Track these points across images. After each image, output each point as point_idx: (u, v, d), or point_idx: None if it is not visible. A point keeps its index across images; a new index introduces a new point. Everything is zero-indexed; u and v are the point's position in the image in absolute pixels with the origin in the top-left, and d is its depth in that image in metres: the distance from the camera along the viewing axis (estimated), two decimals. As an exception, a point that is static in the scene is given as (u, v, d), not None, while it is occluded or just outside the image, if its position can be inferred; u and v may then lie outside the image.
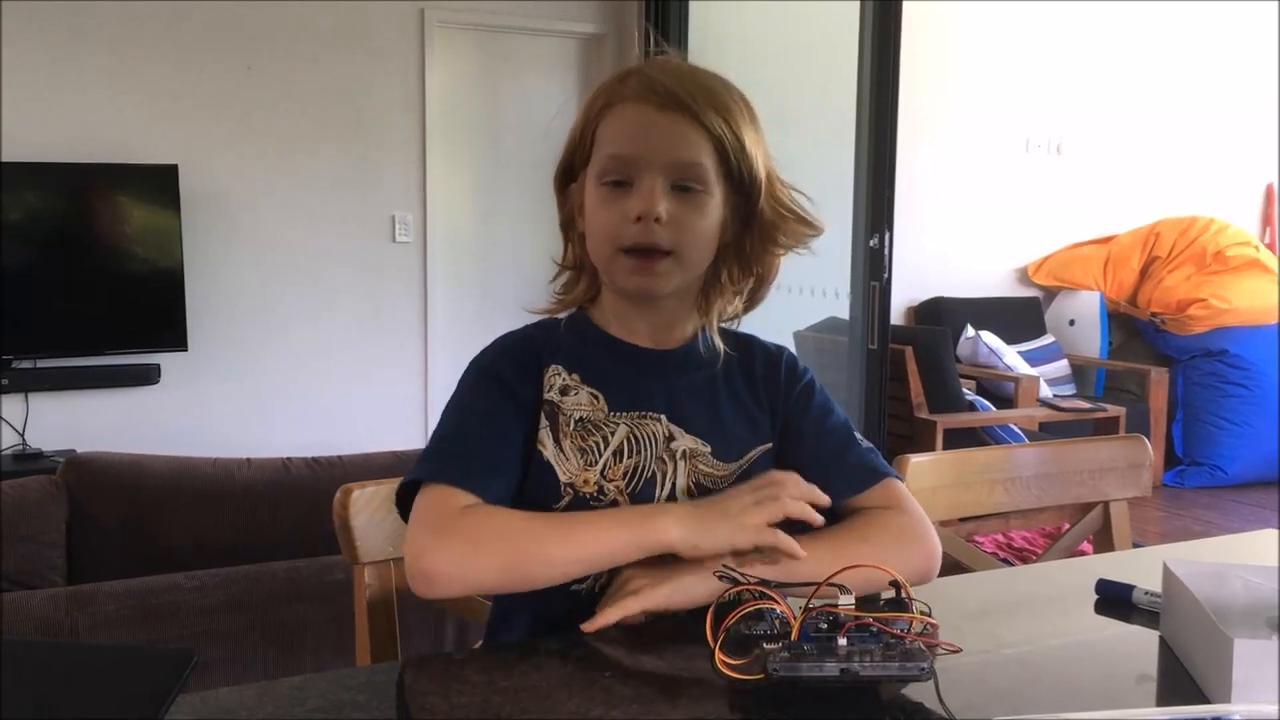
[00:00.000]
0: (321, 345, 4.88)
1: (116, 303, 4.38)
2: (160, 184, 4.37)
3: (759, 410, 1.23)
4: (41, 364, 4.31)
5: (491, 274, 5.24)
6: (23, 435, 4.32)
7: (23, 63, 4.28)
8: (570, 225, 1.22)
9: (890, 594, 0.97)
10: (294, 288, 4.81)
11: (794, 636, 0.91)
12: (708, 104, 1.12)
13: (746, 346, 1.26)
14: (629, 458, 1.16)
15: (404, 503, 1.12)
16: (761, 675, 0.89)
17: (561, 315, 1.24)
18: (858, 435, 1.25)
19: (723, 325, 1.24)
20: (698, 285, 1.20)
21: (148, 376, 4.46)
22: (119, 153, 4.39)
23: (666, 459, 1.16)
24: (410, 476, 1.12)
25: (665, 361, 1.21)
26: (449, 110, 5.08)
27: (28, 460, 4.13)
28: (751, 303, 1.25)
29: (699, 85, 1.13)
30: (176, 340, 4.43)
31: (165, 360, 4.50)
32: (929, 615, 0.96)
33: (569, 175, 1.21)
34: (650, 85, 1.12)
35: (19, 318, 4.19)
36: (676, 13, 5.08)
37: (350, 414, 4.91)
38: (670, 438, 1.17)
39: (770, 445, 1.22)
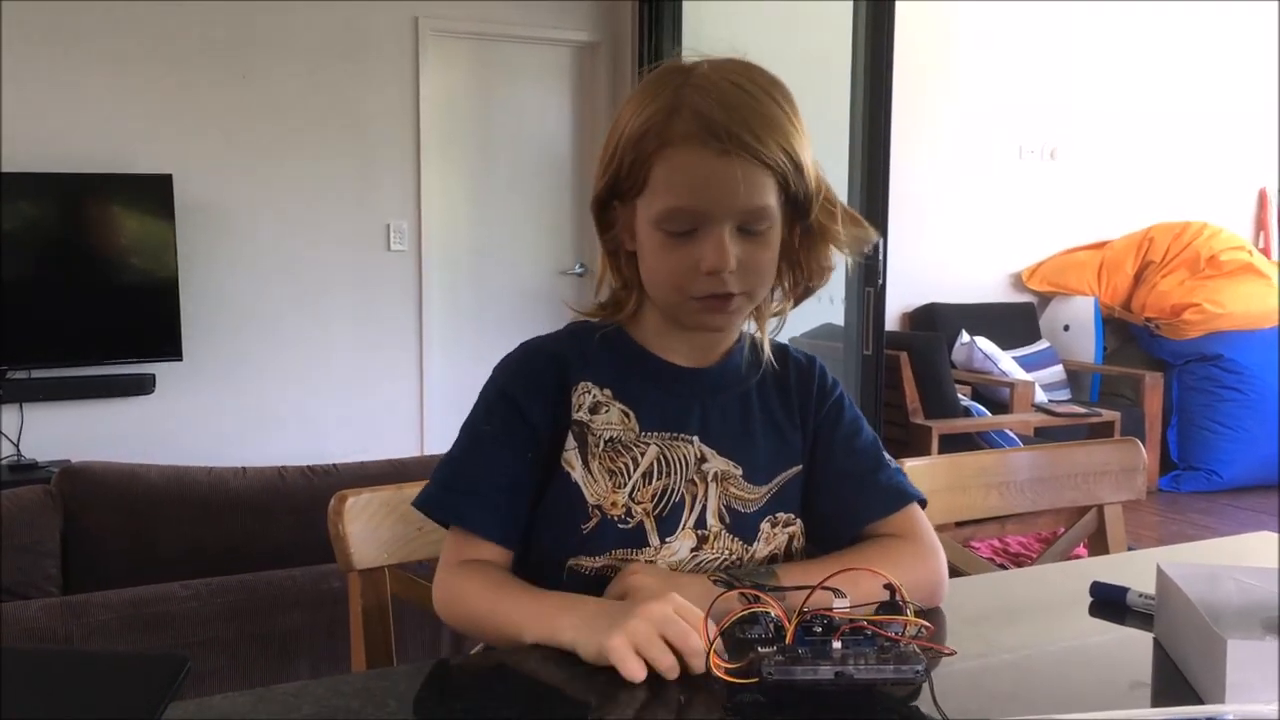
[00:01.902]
0: (316, 354, 4.88)
1: (111, 313, 4.37)
2: (155, 194, 4.37)
3: (791, 429, 1.21)
4: (36, 374, 4.31)
5: (486, 281, 5.24)
6: (17, 446, 4.31)
7: (17, 72, 4.28)
8: (617, 246, 1.17)
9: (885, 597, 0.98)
10: (289, 296, 4.81)
11: (789, 640, 0.91)
12: (768, 135, 1.05)
13: (781, 359, 1.24)
14: (658, 479, 1.14)
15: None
16: (756, 679, 0.89)
17: (596, 320, 1.21)
18: (886, 455, 1.23)
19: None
20: None
21: (142, 386, 4.46)
22: (113, 162, 4.39)
23: (698, 481, 1.15)
24: (424, 501, 1.17)
25: (701, 380, 1.19)
26: (443, 118, 5.09)
27: (22, 470, 4.13)
28: (799, 302, 1.21)
29: (754, 113, 1.06)
30: (171, 350, 4.43)
31: (160, 370, 4.49)
32: (923, 619, 0.96)
33: (611, 198, 1.14)
34: (706, 125, 1.04)
35: (13, 328, 4.19)
36: (670, 20, 5.09)
37: (345, 422, 4.91)
38: (702, 459, 1.16)
39: (800, 468, 1.21)
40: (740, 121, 1.05)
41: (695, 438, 1.16)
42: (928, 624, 0.96)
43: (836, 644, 0.90)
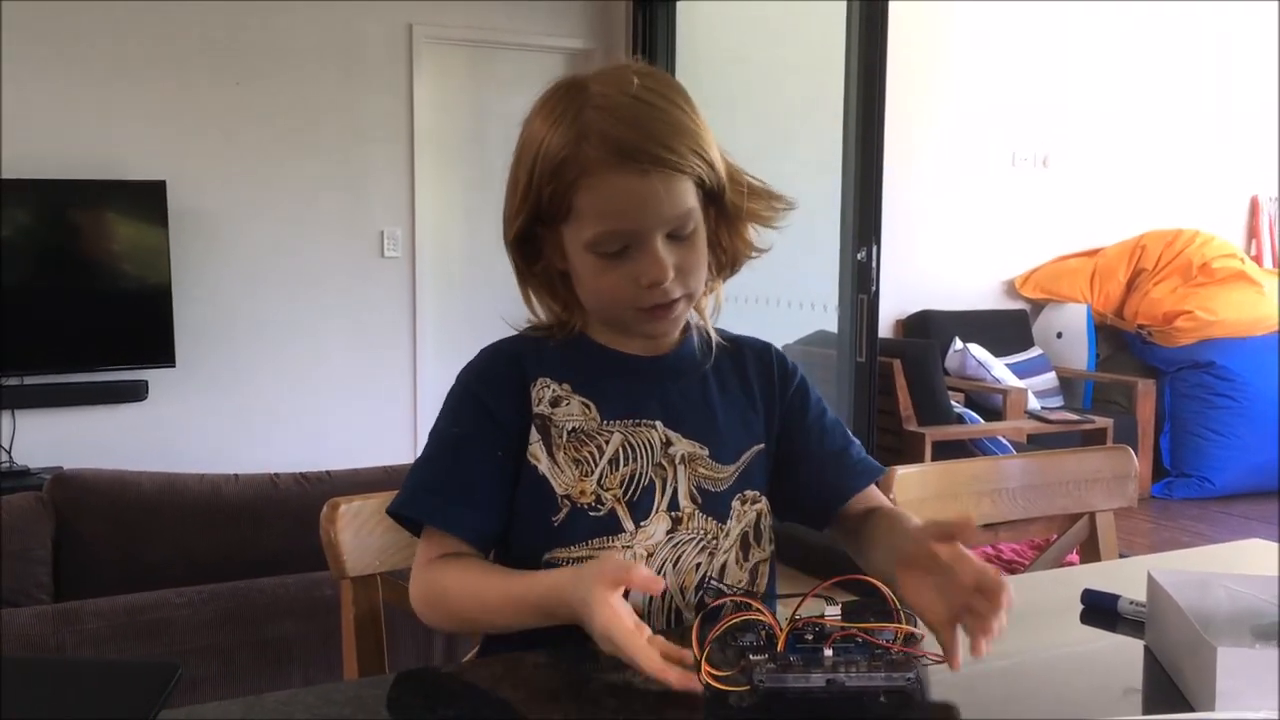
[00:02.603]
0: (310, 360, 4.87)
1: (104, 319, 4.37)
2: (148, 200, 4.37)
3: (752, 410, 1.24)
4: (28, 380, 4.30)
5: (480, 288, 5.23)
6: (9, 452, 4.30)
7: (10, 78, 4.28)
8: (551, 273, 1.18)
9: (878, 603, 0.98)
10: (282, 303, 4.80)
11: (780, 648, 0.91)
12: (678, 143, 1.07)
13: (734, 343, 1.27)
14: (625, 465, 1.16)
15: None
16: (747, 687, 0.89)
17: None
18: (849, 431, 1.29)
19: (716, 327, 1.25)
20: None
21: (135, 393, 4.45)
22: (107, 169, 4.39)
23: (666, 465, 1.17)
24: (395, 505, 1.17)
25: (658, 367, 1.21)
26: (437, 125, 5.09)
27: (14, 477, 4.12)
28: (727, 279, 1.24)
29: (661, 124, 1.07)
30: (164, 356, 4.42)
31: (153, 376, 4.48)
32: (914, 625, 0.96)
33: (533, 226, 1.14)
34: (618, 147, 1.05)
35: (6, 334, 4.18)
36: (664, 27, 5.10)
37: (339, 429, 4.90)
38: (668, 443, 1.17)
39: (763, 446, 1.23)
40: (651, 137, 1.06)
41: (658, 422, 1.18)
42: (918, 630, 0.96)
43: (828, 651, 0.90)
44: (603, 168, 1.06)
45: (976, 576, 0.93)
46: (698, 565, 1.16)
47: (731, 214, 1.16)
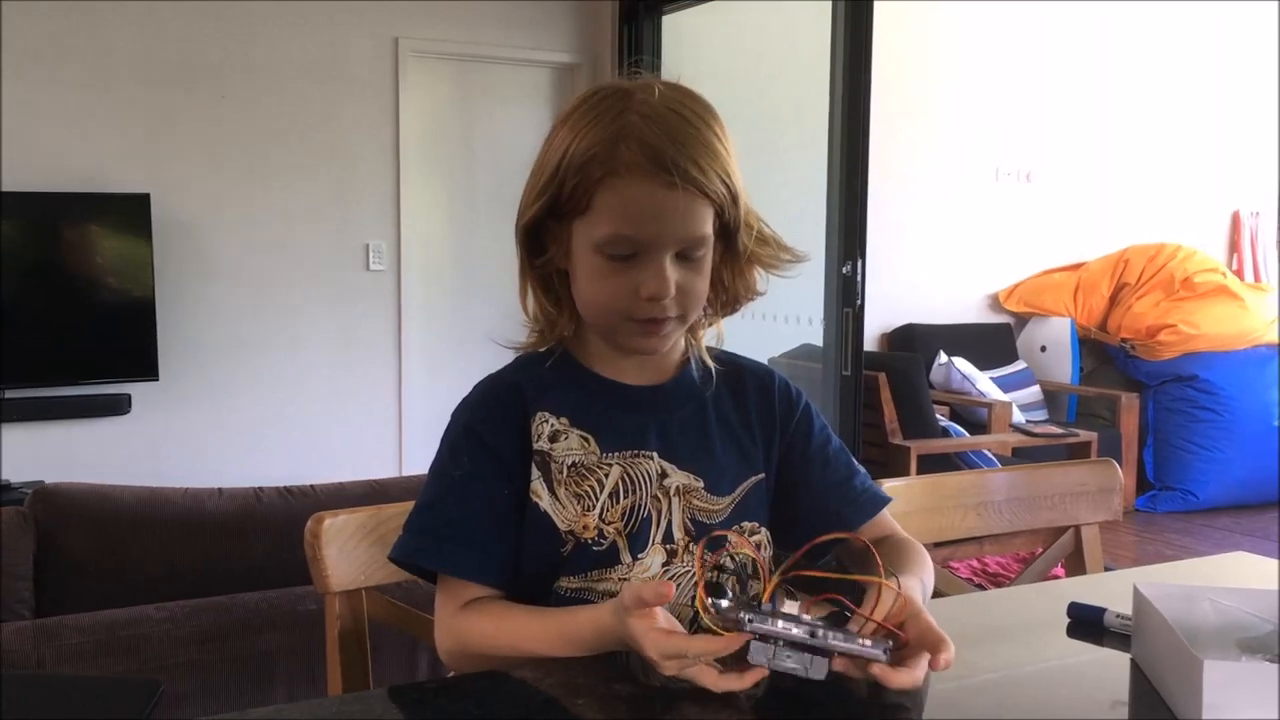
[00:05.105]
0: (294, 374, 4.86)
1: (87, 333, 4.34)
2: (132, 213, 4.35)
3: (750, 441, 1.23)
4: (10, 394, 4.27)
5: (465, 302, 5.23)
6: (-9, 467, 4.27)
7: (-7, 92, 4.26)
8: (551, 268, 1.17)
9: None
10: (267, 317, 4.79)
11: (765, 599, 0.92)
12: (709, 166, 1.08)
13: (735, 369, 1.25)
14: (625, 498, 1.15)
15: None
16: (734, 630, 0.91)
17: (543, 349, 1.22)
18: (853, 459, 1.27)
19: (709, 346, 1.24)
20: None
21: (118, 407, 4.43)
22: (91, 182, 4.37)
23: (661, 496, 1.16)
24: (403, 552, 1.15)
25: (655, 397, 1.20)
26: (423, 139, 5.09)
27: (-5, 492, 4.08)
28: (725, 317, 1.24)
29: (697, 143, 1.08)
30: (147, 370, 4.40)
31: (136, 390, 4.46)
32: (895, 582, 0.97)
33: (546, 219, 1.14)
34: (653, 156, 1.06)
35: (-12, 348, 4.15)
36: (650, 42, 5.11)
37: (323, 443, 4.88)
38: (663, 475, 1.17)
39: (762, 476, 1.22)
40: (685, 153, 1.07)
41: (655, 454, 1.17)
42: (897, 588, 0.97)
43: (806, 615, 0.91)
44: (633, 171, 1.07)
45: (920, 636, 0.96)
46: (693, 599, 1.15)
47: (739, 253, 1.16)
